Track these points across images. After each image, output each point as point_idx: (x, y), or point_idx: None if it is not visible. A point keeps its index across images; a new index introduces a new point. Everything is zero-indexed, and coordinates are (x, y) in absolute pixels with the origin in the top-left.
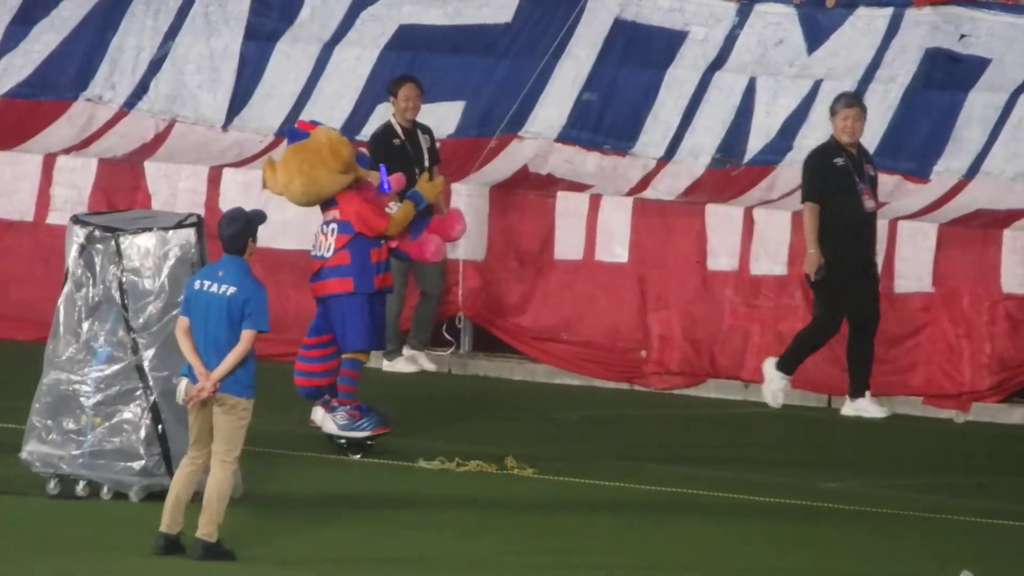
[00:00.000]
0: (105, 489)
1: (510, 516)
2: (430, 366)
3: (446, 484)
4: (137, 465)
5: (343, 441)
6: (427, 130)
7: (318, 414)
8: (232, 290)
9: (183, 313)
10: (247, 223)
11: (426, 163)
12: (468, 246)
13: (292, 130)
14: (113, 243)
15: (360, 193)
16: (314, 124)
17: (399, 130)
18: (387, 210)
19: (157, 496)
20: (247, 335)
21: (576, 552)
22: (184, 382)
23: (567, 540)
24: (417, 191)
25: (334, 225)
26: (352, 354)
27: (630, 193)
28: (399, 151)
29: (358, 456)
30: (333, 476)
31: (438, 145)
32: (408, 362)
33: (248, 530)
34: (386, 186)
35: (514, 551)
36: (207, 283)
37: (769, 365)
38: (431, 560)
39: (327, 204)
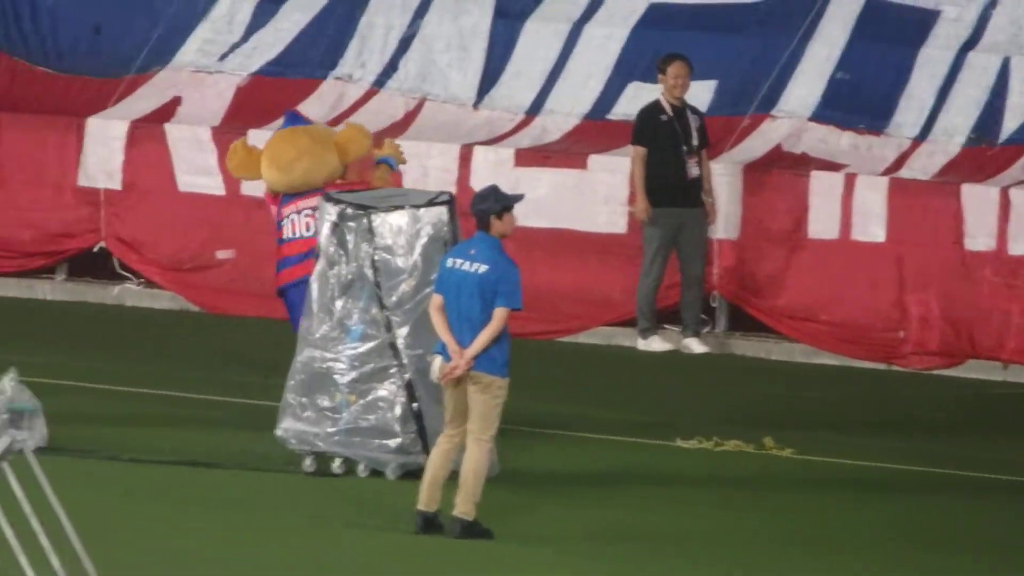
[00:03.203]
0: (361, 467)
1: (767, 495)
2: (703, 349)
3: (704, 463)
4: (393, 443)
5: None
6: (697, 111)
7: None
8: (484, 268)
9: (437, 291)
10: (496, 201)
11: (695, 143)
12: (722, 225)
13: (294, 115)
14: (365, 221)
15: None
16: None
17: (667, 107)
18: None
19: (413, 474)
20: (500, 313)
21: (833, 530)
22: (438, 360)
23: (824, 519)
24: (387, 156)
25: None
26: None
27: (885, 173)
28: (666, 128)
29: None
30: (589, 455)
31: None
32: (663, 341)
33: (505, 508)
34: None
35: (771, 530)
36: (459, 261)
37: None
38: (686, 538)
39: (305, 192)
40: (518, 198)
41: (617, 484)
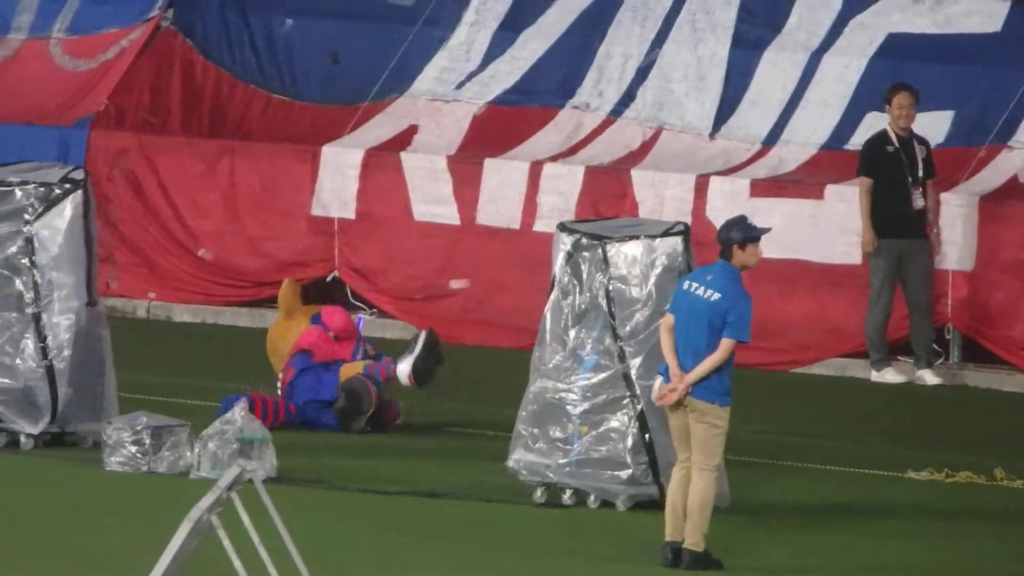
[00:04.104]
0: (592, 498)
1: (998, 527)
2: (936, 380)
3: (935, 494)
4: (624, 474)
5: None
6: (924, 141)
7: None
8: (716, 296)
9: (670, 311)
10: (740, 231)
11: (920, 174)
12: (957, 256)
13: (315, 317)
14: (600, 251)
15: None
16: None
17: (894, 138)
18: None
19: (643, 506)
20: (726, 344)
21: None
22: (658, 380)
23: None
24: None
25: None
26: None
27: None
28: (892, 158)
29: None
30: (820, 486)
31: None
32: (897, 372)
33: (735, 539)
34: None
35: (1002, 561)
36: (695, 285)
37: None
38: (917, 570)
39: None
40: (764, 231)
41: (848, 515)
